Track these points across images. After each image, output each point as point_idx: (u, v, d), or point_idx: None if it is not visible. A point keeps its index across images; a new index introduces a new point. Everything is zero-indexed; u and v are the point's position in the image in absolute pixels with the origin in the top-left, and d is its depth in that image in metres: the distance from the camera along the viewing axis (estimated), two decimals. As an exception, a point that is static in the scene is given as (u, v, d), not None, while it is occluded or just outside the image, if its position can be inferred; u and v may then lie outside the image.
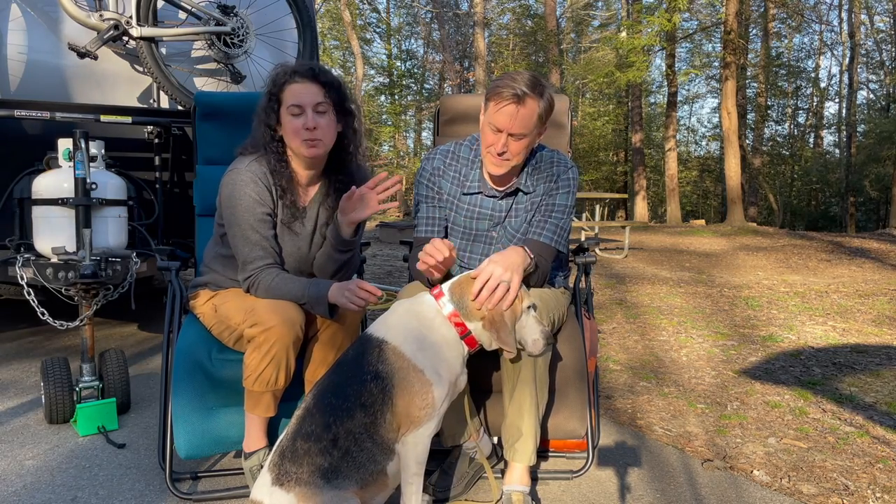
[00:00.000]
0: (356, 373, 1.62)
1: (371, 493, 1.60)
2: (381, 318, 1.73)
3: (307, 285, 1.86)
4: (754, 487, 2.14)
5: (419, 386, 1.61)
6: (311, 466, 1.54)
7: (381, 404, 1.59)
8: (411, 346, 1.64)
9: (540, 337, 1.73)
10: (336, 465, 1.54)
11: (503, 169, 1.95)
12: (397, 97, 27.78)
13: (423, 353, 1.64)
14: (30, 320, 3.48)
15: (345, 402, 1.58)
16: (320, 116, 1.90)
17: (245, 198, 1.90)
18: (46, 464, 2.20)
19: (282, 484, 1.54)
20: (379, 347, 1.64)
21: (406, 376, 1.61)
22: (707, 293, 5.99)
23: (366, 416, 1.58)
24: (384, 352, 1.63)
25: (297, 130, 1.88)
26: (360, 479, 1.56)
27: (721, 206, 25.11)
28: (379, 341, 1.66)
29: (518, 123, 1.86)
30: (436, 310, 1.72)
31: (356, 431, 1.57)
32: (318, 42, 4.01)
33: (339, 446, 1.55)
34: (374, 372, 1.61)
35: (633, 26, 16.38)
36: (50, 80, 3.38)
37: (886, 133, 20.04)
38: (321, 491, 1.52)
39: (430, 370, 1.63)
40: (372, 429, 1.58)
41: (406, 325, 1.69)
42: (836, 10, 25.31)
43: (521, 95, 1.83)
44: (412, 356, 1.63)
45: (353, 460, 1.56)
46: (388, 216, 16.96)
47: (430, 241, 1.78)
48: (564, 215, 2.04)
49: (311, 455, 1.55)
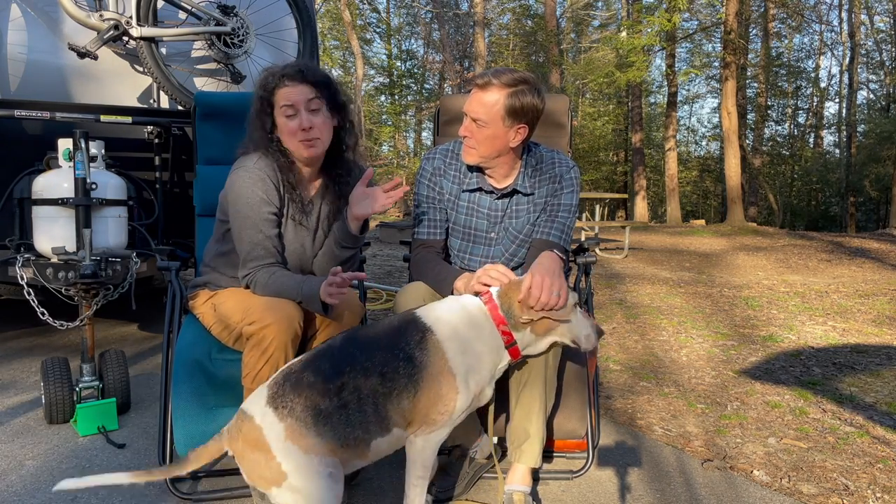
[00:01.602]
0: (391, 343, 1.58)
1: (347, 456, 1.56)
2: (433, 306, 1.69)
3: (302, 282, 1.86)
4: (754, 487, 2.14)
5: (446, 390, 1.57)
6: (307, 402, 1.51)
7: (403, 387, 1.55)
8: (453, 347, 1.60)
9: (592, 332, 1.72)
10: (329, 413, 1.51)
11: (470, 157, 1.97)
12: (397, 97, 27.78)
13: (461, 358, 1.60)
14: (30, 320, 3.48)
15: (368, 361, 1.55)
16: (314, 115, 1.90)
17: (253, 196, 1.89)
18: (46, 464, 2.20)
19: (276, 407, 1.52)
20: (422, 333, 1.60)
21: (437, 376, 1.57)
22: (707, 293, 5.99)
23: (381, 384, 1.54)
24: (426, 341, 1.59)
25: (292, 132, 1.89)
26: (343, 437, 1.53)
27: (721, 206, 25.10)
28: (424, 328, 1.61)
29: (477, 108, 1.87)
30: (486, 315, 1.67)
31: (364, 392, 1.53)
32: (318, 42, 4.01)
33: (341, 397, 1.52)
34: (409, 354, 1.57)
35: (633, 26, 16.38)
36: (50, 80, 3.38)
37: (886, 133, 20.04)
38: (307, 432, 1.49)
39: (461, 378, 1.59)
40: (380, 399, 1.54)
41: (456, 324, 1.64)
42: (836, 10, 25.34)
43: (485, 82, 1.85)
44: (451, 358, 1.59)
45: (346, 417, 1.53)
46: (388, 216, 16.96)
47: (492, 267, 1.76)
48: (570, 215, 2.05)
49: (312, 391, 1.52)
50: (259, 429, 1.51)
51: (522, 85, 1.86)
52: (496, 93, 1.85)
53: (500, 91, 1.85)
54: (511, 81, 1.85)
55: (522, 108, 1.86)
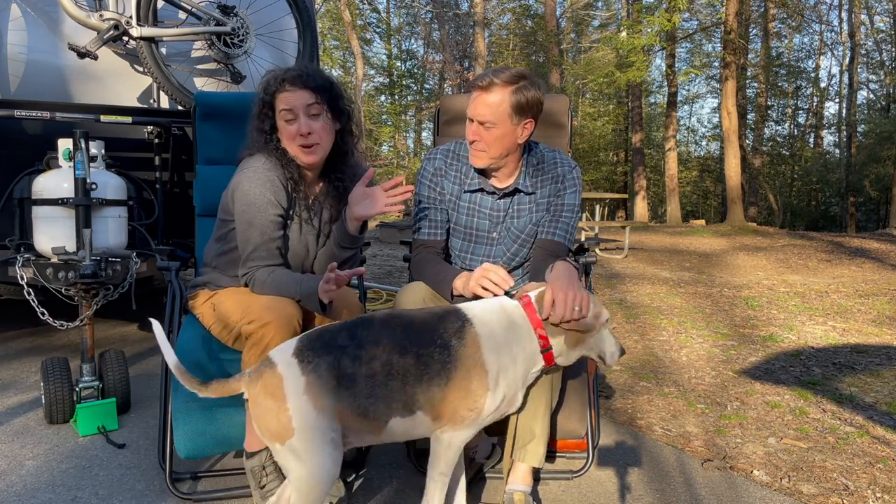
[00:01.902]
0: (430, 328, 1.58)
1: (360, 426, 1.55)
2: (474, 303, 1.69)
3: (301, 280, 1.86)
4: (754, 487, 2.14)
5: (476, 385, 1.56)
6: (335, 363, 1.51)
7: (435, 373, 1.54)
8: (489, 344, 1.59)
9: (616, 349, 1.73)
10: (354, 380, 1.51)
11: (481, 161, 1.96)
12: (397, 97, 27.78)
13: (495, 356, 1.59)
14: (30, 320, 3.48)
15: (406, 340, 1.55)
16: (314, 120, 1.90)
17: (260, 198, 1.89)
18: (46, 464, 2.20)
19: (301, 360, 1.51)
20: (461, 324, 1.59)
21: (470, 370, 1.56)
22: (707, 293, 5.99)
23: (415, 365, 1.53)
24: (464, 332, 1.58)
25: (292, 136, 1.90)
26: (363, 407, 1.52)
27: (721, 206, 25.11)
28: (464, 319, 1.61)
29: (483, 110, 1.87)
30: (524, 318, 1.66)
31: (395, 368, 1.53)
32: (318, 42, 4.01)
33: (371, 367, 1.52)
34: (446, 342, 1.56)
35: (633, 26, 16.38)
36: (50, 80, 3.38)
37: (886, 133, 20.04)
38: (326, 392, 1.49)
39: (492, 376, 1.58)
40: (410, 379, 1.53)
41: (495, 321, 1.63)
42: (836, 10, 25.33)
43: (487, 83, 1.85)
44: (486, 354, 1.58)
45: (372, 387, 1.51)
46: (388, 216, 16.94)
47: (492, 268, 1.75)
48: (573, 215, 2.07)
49: (343, 354, 1.52)
50: (280, 377, 1.50)
51: (523, 80, 1.87)
52: (500, 92, 1.86)
53: (503, 90, 1.85)
54: (512, 79, 1.86)
55: (528, 102, 1.87)
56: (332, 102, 1.95)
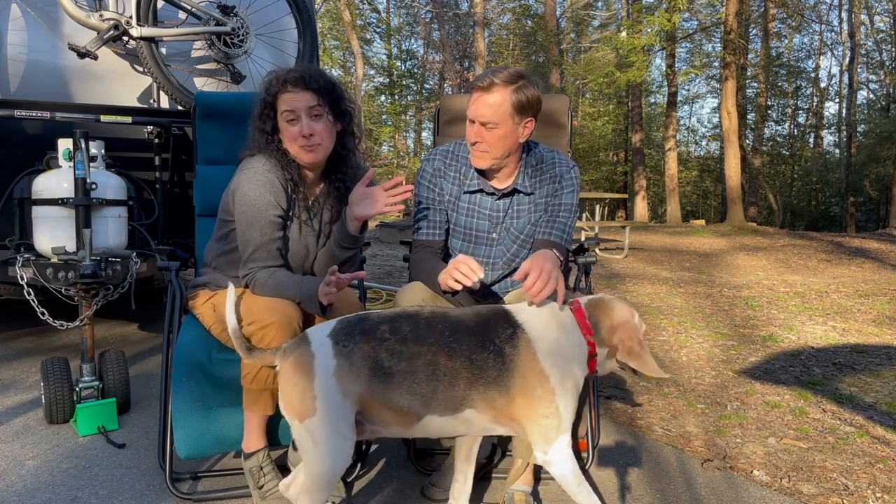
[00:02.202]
0: (480, 332, 1.55)
1: (389, 419, 1.53)
2: (522, 305, 1.66)
3: (301, 282, 1.86)
4: (754, 487, 2.14)
5: (541, 392, 1.53)
6: (372, 352, 1.50)
7: (493, 379, 1.51)
8: (544, 348, 1.56)
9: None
10: (391, 373, 1.49)
11: (484, 162, 1.96)
12: (397, 97, 27.78)
13: (551, 360, 1.55)
14: (30, 320, 3.48)
15: (455, 342, 1.52)
16: (316, 121, 1.90)
17: (261, 199, 1.89)
18: (46, 464, 2.20)
19: (337, 343, 1.51)
20: (513, 329, 1.57)
21: (529, 377, 1.53)
22: (707, 293, 5.99)
23: (468, 369, 1.51)
24: (517, 338, 1.55)
25: (293, 137, 1.90)
26: (395, 401, 1.50)
27: (721, 206, 25.11)
28: (515, 323, 1.58)
29: (485, 111, 1.87)
30: (574, 323, 1.64)
31: (441, 370, 1.50)
32: (318, 42, 4.01)
33: (412, 364, 1.50)
34: (499, 348, 1.53)
35: (633, 26, 16.38)
36: (50, 80, 3.38)
37: (886, 133, 20.03)
38: (356, 380, 1.49)
39: (555, 378, 1.55)
40: (460, 382, 1.51)
41: (546, 324, 1.60)
42: (836, 10, 25.34)
43: (488, 83, 1.85)
44: (542, 359, 1.54)
45: (411, 384, 1.49)
46: (388, 216, 16.94)
47: (463, 261, 1.73)
48: (571, 214, 2.06)
49: (382, 345, 1.50)
50: (312, 356, 1.51)
51: (522, 80, 1.87)
52: (501, 92, 1.86)
53: (504, 89, 1.86)
54: (512, 78, 1.86)
55: (528, 101, 1.88)
56: (333, 104, 1.95)
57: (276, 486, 1.88)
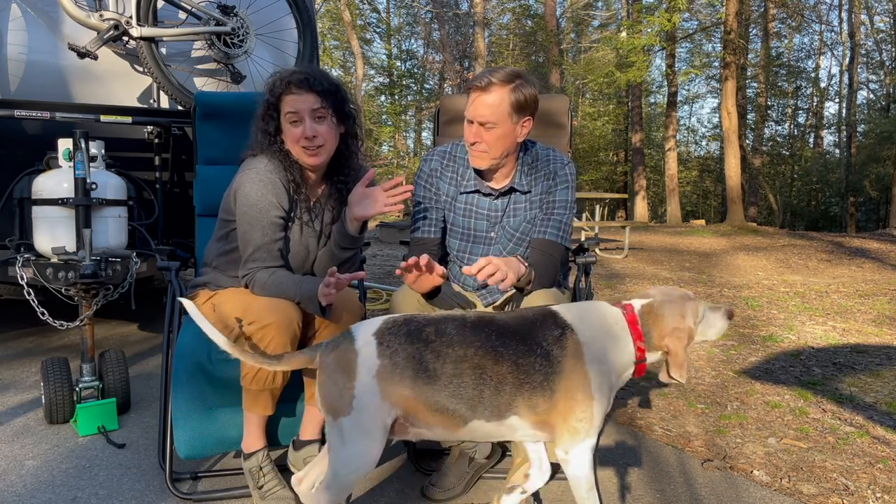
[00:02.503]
0: (527, 334, 1.54)
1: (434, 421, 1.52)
2: (571, 305, 1.65)
3: (301, 282, 1.86)
4: (754, 487, 2.14)
5: (582, 396, 1.52)
6: (417, 354, 1.48)
7: (538, 383, 1.50)
8: (591, 352, 1.54)
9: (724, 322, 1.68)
10: (436, 376, 1.47)
11: (482, 162, 1.96)
12: (397, 97, 27.77)
13: (597, 365, 1.54)
14: (30, 320, 3.47)
15: (501, 346, 1.51)
16: (319, 123, 1.90)
17: (262, 199, 1.89)
18: (46, 464, 2.20)
19: (381, 343, 1.49)
20: (562, 330, 1.55)
21: (573, 379, 1.52)
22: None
23: (513, 374, 1.49)
24: (566, 339, 1.54)
25: (296, 138, 1.90)
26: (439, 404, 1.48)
27: (721, 206, 25.11)
28: (564, 324, 1.56)
29: (483, 111, 1.87)
30: (625, 328, 1.61)
31: (488, 374, 1.49)
32: (318, 42, 4.01)
33: (459, 368, 1.48)
34: (547, 350, 1.51)
35: (633, 26, 16.38)
36: (50, 80, 3.38)
37: (886, 133, 20.03)
38: (398, 381, 1.47)
39: (595, 384, 1.54)
40: (506, 387, 1.49)
41: (596, 327, 1.59)
42: (836, 10, 25.33)
43: (485, 83, 1.86)
44: (589, 362, 1.53)
45: (457, 388, 1.47)
46: (388, 216, 16.94)
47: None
48: (566, 211, 2.05)
49: (427, 348, 1.49)
50: (355, 353, 1.48)
51: (519, 79, 1.88)
52: (499, 92, 1.86)
53: (502, 89, 1.86)
54: (509, 77, 1.87)
55: (526, 100, 1.88)
56: (337, 106, 1.95)
57: (276, 486, 1.88)
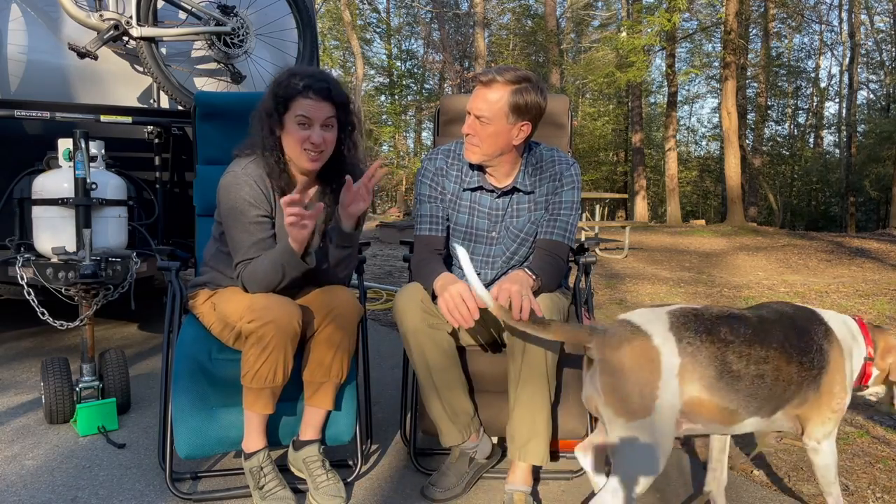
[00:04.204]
0: (802, 331, 1.57)
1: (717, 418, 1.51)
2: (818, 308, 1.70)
3: (276, 252, 1.86)
4: (754, 487, 2.14)
5: (839, 389, 1.58)
6: (719, 354, 1.46)
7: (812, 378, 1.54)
8: (846, 348, 1.62)
9: None
10: (739, 377, 1.47)
11: (473, 156, 1.97)
12: (397, 97, 27.77)
13: (849, 362, 1.62)
14: (30, 320, 3.47)
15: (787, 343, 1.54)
16: (326, 131, 1.91)
17: (240, 200, 1.90)
18: (46, 464, 2.20)
19: (680, 340, 1.46)
20: (825, 328, 1.60)
21: (836, 373, 1.57)
22: (707, 293, 5.98)
23: (798, 372, 1.52)
24: (830, 337, 1.60)
25: (301, 141, 1.89)
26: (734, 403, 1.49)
27: (721, 206, 25.12)
28: (824, 322, 1.62)
29: (481, 105, 1.87)
30: (860, 340, 1.67)
31: (783, 372, 1.51)
32: (318, 42, 4.01)
33: (760, 368, 1.48)
34: (820, 346, 1.57)
35: (633, 26, 16.39)
36: (50, 80, 3.38)
37: (886, 133, 20.04)
38: (695, 381, 1.44)
39: (849, 380, 1.61)
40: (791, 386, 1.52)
41: (842, 327, 1.66)
42: (836, 10, 25.34)
43: (489, 79, 1.86)
44: (846, 359, 1.60)
45: (756, 388, 1.48)
46: (388, 216, 16.96)
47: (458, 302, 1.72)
48: (572, 212, 2.06)
49: (727, 347, 1.47)
50: (656, 351, 1.44)
51: (525, 83, 1.87)
52: (500, 90, 1.86)
53: (503, 88, 1.86)
54: (514, 79, 1.86)
55: (526, 105, 1.87)
56: (345, 117, 1.97)
57: (277, 487, 1.88)
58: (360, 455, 2.13)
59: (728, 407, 1.49)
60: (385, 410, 2.78)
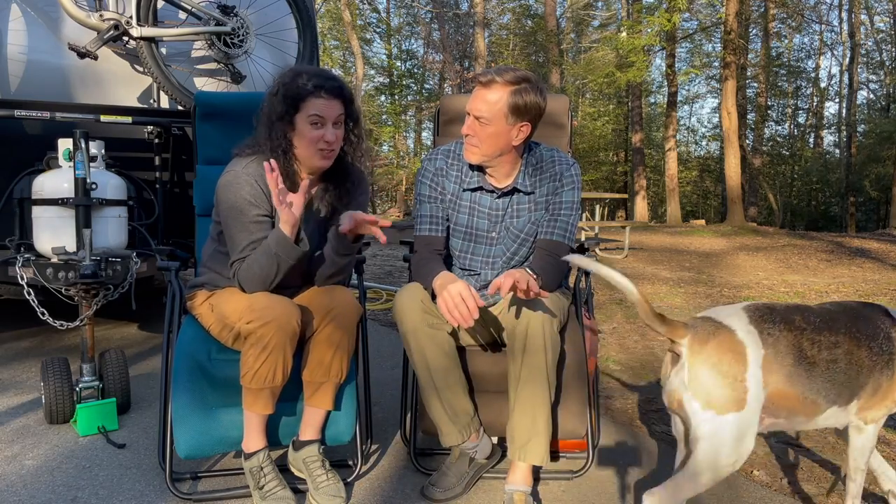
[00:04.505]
0: (867, 318, 1.60)
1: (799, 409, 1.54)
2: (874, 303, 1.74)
3: (268, 242, 1.86)
4: (754, 487, 2.14)
5: None
6: (797, 342, 1.50)
7: (884, 364, 1.56)
8: None
9: None
10: (814, 363, 1.50)
11: (472, 157, 1.97)
12: (397, 97, 27.76)
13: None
14: (30, 320, 3.48)
15: (854, 328, 1.57)
16: (337, 128, 1.93)
17: (240, 199, 1.90)
18: (46, 464, 2.20)
19: (762, 332, 1.49)
20: (889, 318, 1.63)
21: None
22: (707, 293, 5.99)
23: (868, 357, 1.55)
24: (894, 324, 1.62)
25: (315, 140, 1.89)
26: (813, 392, 1.51)
27: (721, 206, 25.12)
28: (885, 311, 1.64)
29: (480, 106, 1.88)
30: None
31: (854, 357, 1.53)
32: (318, 42, 4.01)
33: (833, 353, 1.52)
34: (887, 333, 1.59)
35: (633, 26, 16.39)
36: (50, 80, 3.38)
37: (886, 133, 20.04)
38: (777, 372, 1.47)
39: None
40: (864, 371, 1.54)
41: None
42: (836, 10, 25.35)
43: (488, 80, 1.87)
44: None
45: (831, 373, 1.51)
46: (388, 216, 16.95)
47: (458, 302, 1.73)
48: (572, 212, 2.06)
49: (802, 336, 1.50)
50: (742, 345, 1.46)
51: (525, 83, 1.87)
52: (499, 90, 1.86)
53: (503, 89, 1.86)
54: (514, 79, 1.86)
55: (525, 105, 1.87)
56: (352, 115, 1.99)
57: (277, 487, 1.88)
58: (360, 455, 2.13)
59: (808, 396, 1.51)
60: (385, 410, 2.78)
